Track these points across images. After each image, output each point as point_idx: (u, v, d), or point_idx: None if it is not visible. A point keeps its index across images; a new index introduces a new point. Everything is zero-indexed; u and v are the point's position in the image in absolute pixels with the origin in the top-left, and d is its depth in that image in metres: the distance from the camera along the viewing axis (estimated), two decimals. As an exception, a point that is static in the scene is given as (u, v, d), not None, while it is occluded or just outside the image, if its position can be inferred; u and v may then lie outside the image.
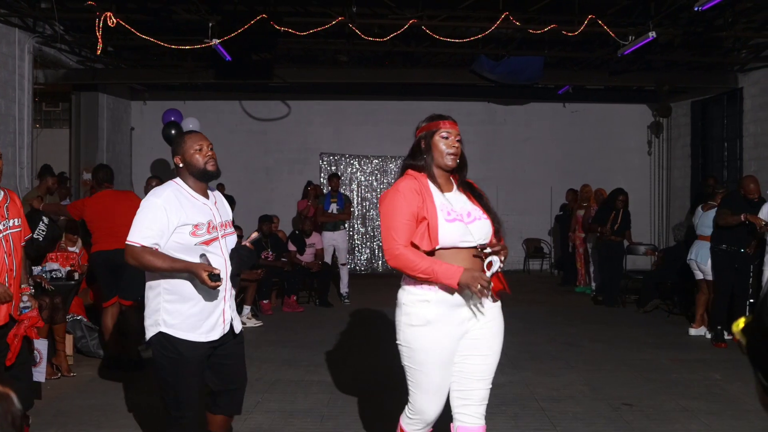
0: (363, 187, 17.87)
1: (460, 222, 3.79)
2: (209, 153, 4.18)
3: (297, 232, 12.99)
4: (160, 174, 13.91)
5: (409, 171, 3.97)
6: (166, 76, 14.92)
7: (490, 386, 3.93)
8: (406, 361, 3.86)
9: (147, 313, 4.10)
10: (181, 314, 4.00)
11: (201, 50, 11.36)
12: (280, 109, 17.72)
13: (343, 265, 12.98)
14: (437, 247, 3.72)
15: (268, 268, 11.41)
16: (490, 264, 3.77)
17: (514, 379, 7.44)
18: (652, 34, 10.74)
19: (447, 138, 3.91)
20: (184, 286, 4.00)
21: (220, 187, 13.95)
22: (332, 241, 12.77)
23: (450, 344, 3.78)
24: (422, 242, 3.72)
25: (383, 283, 15.71)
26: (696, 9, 9.29)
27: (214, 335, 4.09)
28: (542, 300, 13.30)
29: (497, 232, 3.95)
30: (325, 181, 15.84)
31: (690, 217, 12.56)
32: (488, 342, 3.87)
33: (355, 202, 17.58)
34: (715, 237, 9.66)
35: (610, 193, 13.01)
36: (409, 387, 3.90)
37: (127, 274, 7.80)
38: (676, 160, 17.68)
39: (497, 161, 17.74)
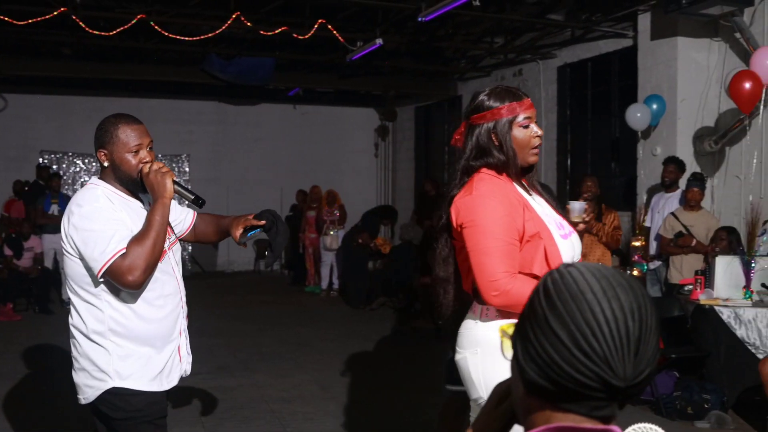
0: (87, 187, 17.08)
1: (569, 238, 2.86)
2: (148, 158, 3.10)
3: (13, 235, 12.13)
4: None
5: (484, 170, 2.89)
6: None
7: None
8: None
9: (81, 366, 2.98)
10: (139, 357, 2.95)
11: None
12: (-5, 103, 16.54)
13: (66, 269, 12.31)
14: None
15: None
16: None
17: (244, 382, 7.43)
18: (378, 41, 11.14)
19: (527, 127, 2.87)
20: (137, 319, 2.96)
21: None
22: (53, 244, 12.05)
23: None
24: (542, 271, 2.67)
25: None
26: (420, 19, 9.74)
27: (174, 379, 3.08)
28: (273, 300, 13.35)
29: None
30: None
31: (415, 218, 13.13)
32: None
33: (79, 202, 16.77)
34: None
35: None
36: None
37: None
38: (401, 163, 18.41)
39: (227, 161, 17.70)
